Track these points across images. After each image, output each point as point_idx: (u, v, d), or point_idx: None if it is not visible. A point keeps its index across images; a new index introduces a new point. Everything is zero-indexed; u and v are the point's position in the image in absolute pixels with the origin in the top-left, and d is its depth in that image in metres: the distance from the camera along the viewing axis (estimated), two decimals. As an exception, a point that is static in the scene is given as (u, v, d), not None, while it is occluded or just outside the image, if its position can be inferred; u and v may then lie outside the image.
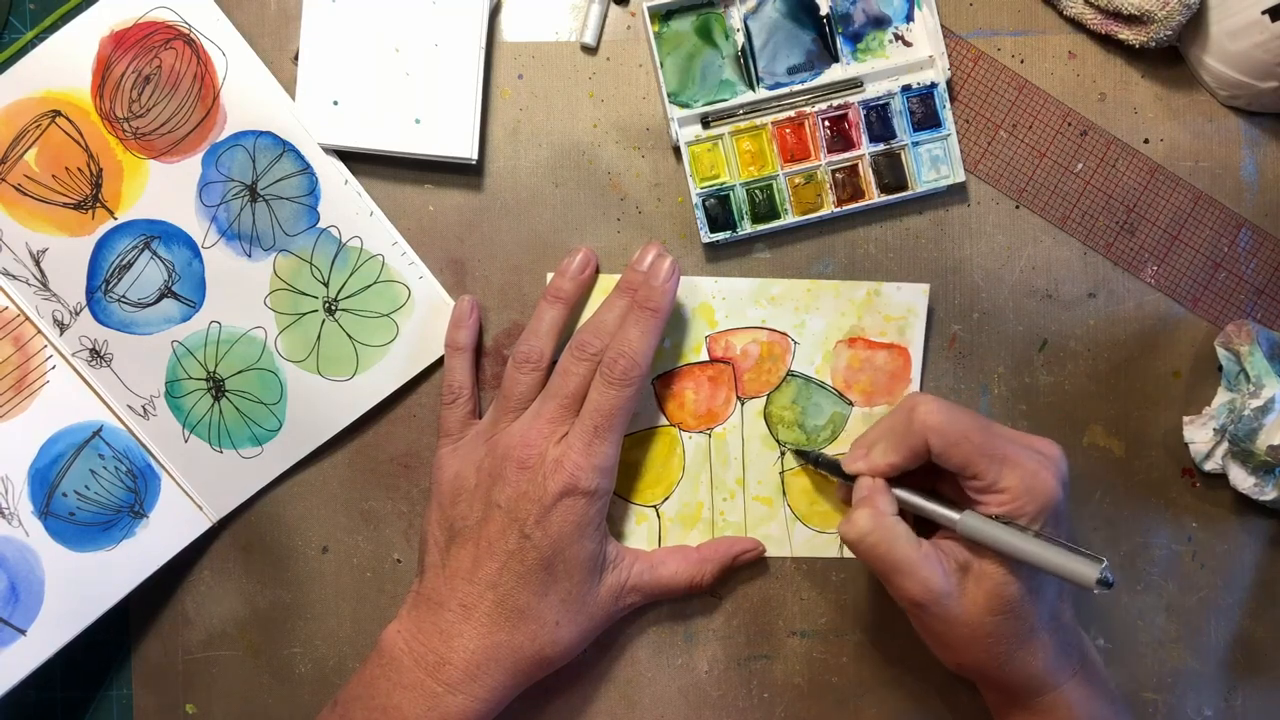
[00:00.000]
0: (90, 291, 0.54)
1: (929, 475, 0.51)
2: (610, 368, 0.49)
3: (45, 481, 0.53)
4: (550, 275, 0.55)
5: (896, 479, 0.50)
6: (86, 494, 0.53)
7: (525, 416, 0.51)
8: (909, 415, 0.49)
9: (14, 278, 0.54)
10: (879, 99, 0.54)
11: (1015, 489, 0.47)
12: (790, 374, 0.56)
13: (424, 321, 0.55)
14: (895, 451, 0.49)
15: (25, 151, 0.53)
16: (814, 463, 0.54)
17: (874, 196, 0.54)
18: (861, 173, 0.54)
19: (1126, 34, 0.53)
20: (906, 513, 0.50)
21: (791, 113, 0.54)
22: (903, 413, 0.49)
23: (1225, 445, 0.54)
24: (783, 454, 0.56)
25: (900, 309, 0.55)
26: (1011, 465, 0.47)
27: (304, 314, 0.55)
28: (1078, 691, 0.49)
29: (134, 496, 0.54)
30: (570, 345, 0.51)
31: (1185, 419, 0.56)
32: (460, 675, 0.48)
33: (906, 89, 0.54)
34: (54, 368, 0.54)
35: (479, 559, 0.49)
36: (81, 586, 0.53)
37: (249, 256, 0.54)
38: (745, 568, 0.56)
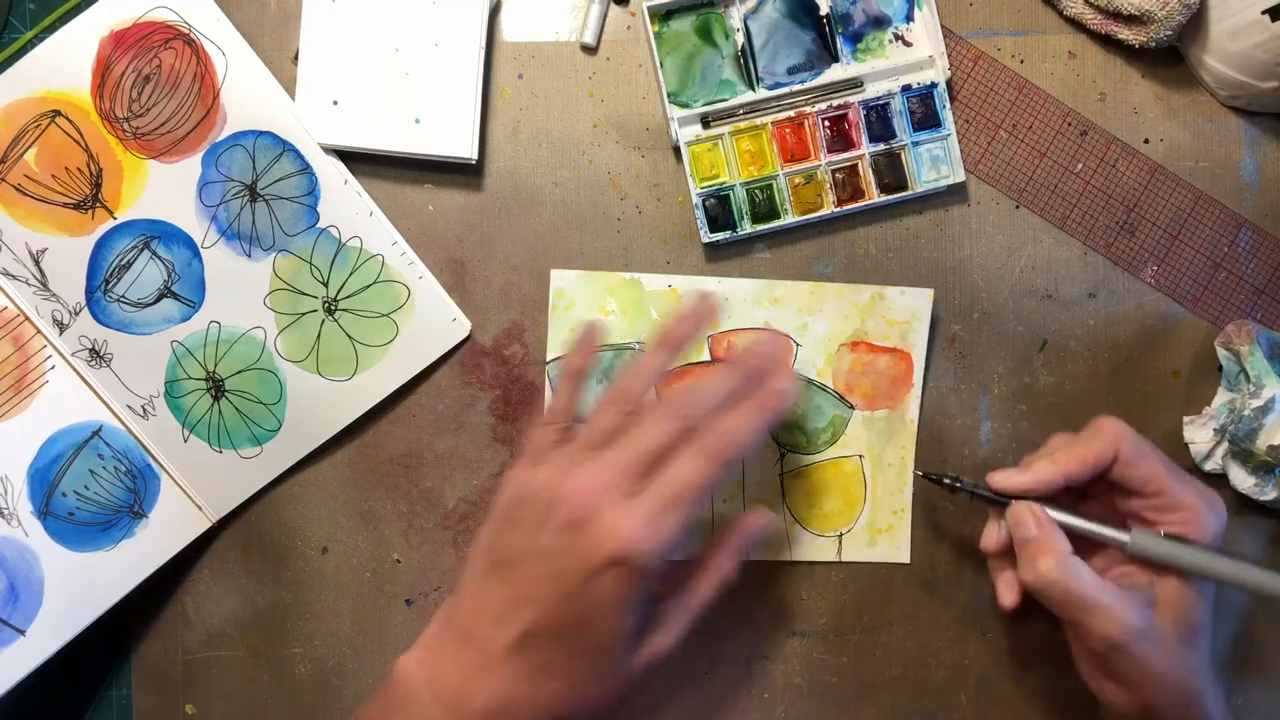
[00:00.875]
0: (90, 291, 0.54)
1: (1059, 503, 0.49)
2: (715, 441, 0.44)
3: (45, 481, 0.53)
4: (554, 271, 0.55)
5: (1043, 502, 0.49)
6: (86, 494, 0.53)
7: (591, 461, 0.44)
8: (1098, 426, 0.48)
9: (14, 278, 0.54)
10: (879, 99, 0.54)
11: (1198, 507, 0.46)
12: (790, 375, 0.56)
13: (424, 321, 0.55)
14: (1076, 459, 0.47)
15: (25, 151, 0.53)
16: (951, 489, 0.51)
17: (874, 196, 0.54)
18: (861, 173, 0.54)
19: (1126, 34, 0.53)
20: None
21: (791, 113, 0.54)
22: (1088, 428, 0.49)
23: (1225, 445, 0.54)
24: (782, 456, 0.56)
25: (904, 313, 0.55)
26: (1190, 484, 0.47)
27: (304, 314, 0.55)
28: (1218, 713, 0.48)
29: (133, 496, 0.54)
30: (663, 401, 0.46)
31: (1185, 419, 0.56)
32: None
33: (906, 89, 0.54)
34: (54, 368, 0.54)
35: (510, 602, 0.44)
36: (81, 586, 0.53)
37: (249, 256, 0.54)
38: (747, 567, 0.56)
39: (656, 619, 0.47)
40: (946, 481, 0.51)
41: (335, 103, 0.53)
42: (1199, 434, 0.55)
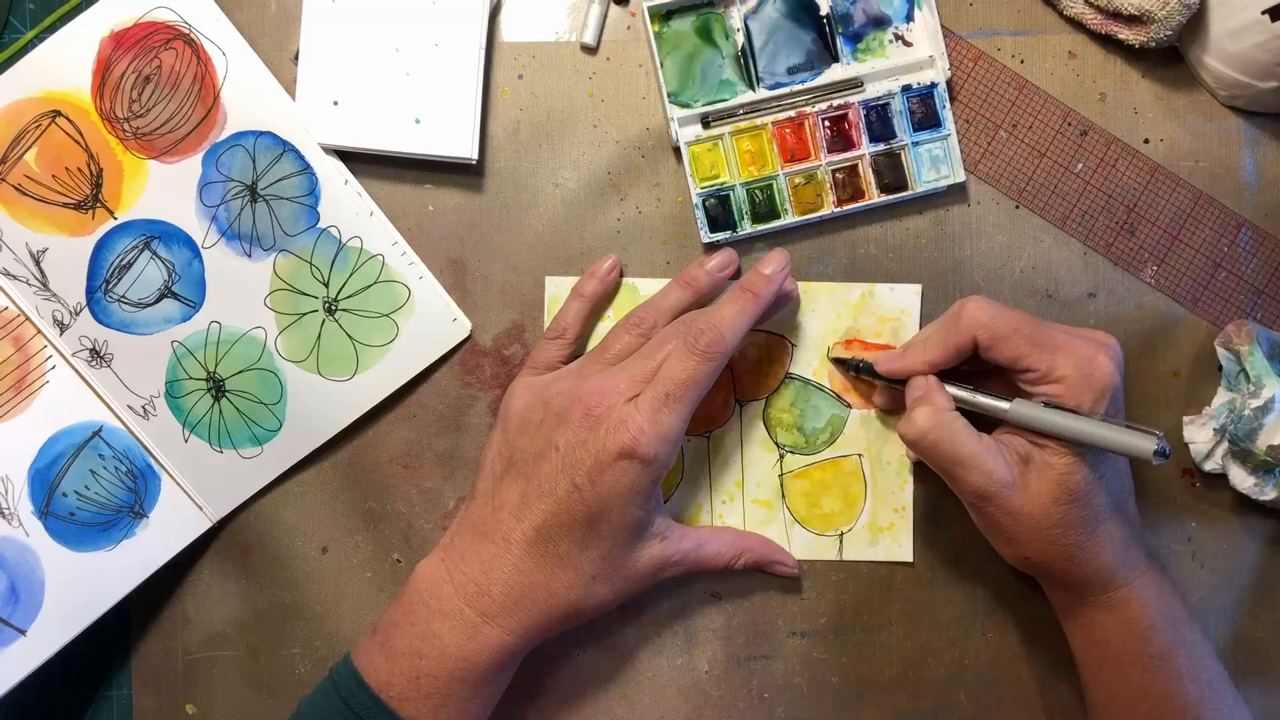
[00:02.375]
0: (90, 291, 0.54)
1: (979, 381, 0.51)
2: (695, 338, 0.48)
3: (45, 481, 0.53)
4: (549, 278, 0.55)
5: (943, 378, 0.51)
6: (86, 494, 0.53)
7: (610, 369, 0.50)
8: (957, 312, 0.49)
9: (14, 278, 0.54)
10: (879, 99, 0.54)
11: (1071, 376, 0.47)
12: (789, 376, 0.56)
13: (424, 321, 0.55)
14: (938, 348, 0.50)
15: (25, 151, 0.53)
16: (855, 369, 0.54)
17: (874, 196, 0.54)
18: (861, 173, 0.54)
19: (1126, 34, 0.53)
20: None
21: (791, 113, 0.54)
22: (952, 311, 0.50)
23: (1225, 445, 0.54)
24: (781, 456, 0.56)
25: (894, 310, 0.55)
26: (1065, 353, 0.47)
27: (304, 314, 0.55)
28: (1149, 589, 0.49)
29: (134, 496, 0.54)
30: (677, 319, 0.51)
31: (1185, 419, 0.56)
32: (497, 607, 0.48)
33: (906, 89, 0.54)
34: (54, 368, 0.54)
35: (528, 497, 0.48)
36: (81, 587, 0.53)
37: (249, 256, 0.54)
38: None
39: (663, 532, 0.51)
40: (852, 365, 0.54)
41: (335, 103, 0.53)
42: (1199, 434, 0.55)
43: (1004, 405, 0.48)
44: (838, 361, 0.55)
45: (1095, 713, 0.53)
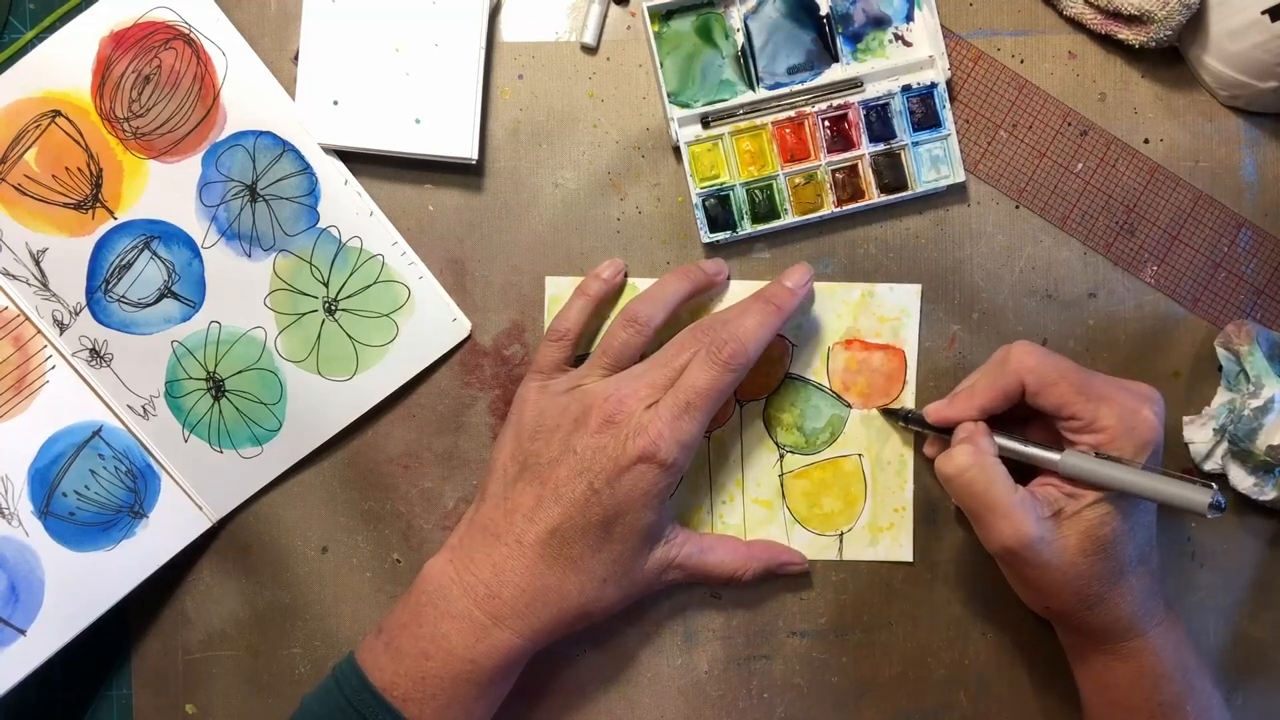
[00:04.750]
0: (90, 291, 0.54)
1: (1018, 428, 0.51)
2: (718, 349, 0.48)
3: (45, 481, 0.53)
4: (549, 278, 0.55)
5: (991, 426, 0.51)
6: (86, 494, 0.53)
7: (626, 374, 0.50)
8: (1004, 358, 0.50)
9: (14, 278, 0.54)
10: (879, 99, 0.54)
11: (1114, 427, 0.47)
12: (788, 376, 0.56)
13: (424, 321, 0.55)
14: (985, 392, 0.50)
15: (25, 151, 0.53)
16: (904, 420, 0.54)
17: (874, 196, 0.54)
18: (861, 173, 0.54)
19: (1126, 34, 0.53)
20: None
21: (791, 113, 0.54)
22: (998, 357, 0.50)
23: (1225, 445, 0.54)
24: (782, 456, 0.56)
25: (894, 309, 0.55)
26: (1110, 403, 0.48)
27: (304, 314, 0.55)
28: (1164, 638, 0.49)
29: (134, 496, 0.54)
30: (694, 324, 0.51)
31: (1185, 419, 0.56)
32: (508, 609, 0.48)
33: (906, 89, 0.54)
34: (54, 368, 0.54)
35: (543, 500, 0.49)
36: (81, 586, 0.53)
37: (249, 256, 0.54)
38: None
39: (669, 535, 0.52)
40: (901, 415, 0.55)
41: (335, 103, 0.53)
42: (1199, 434, 0.55)
43: (1054, 456, 0.48)
44: (886, 412, 0.56)
45: None
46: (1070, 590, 0.48)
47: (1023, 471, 0.50)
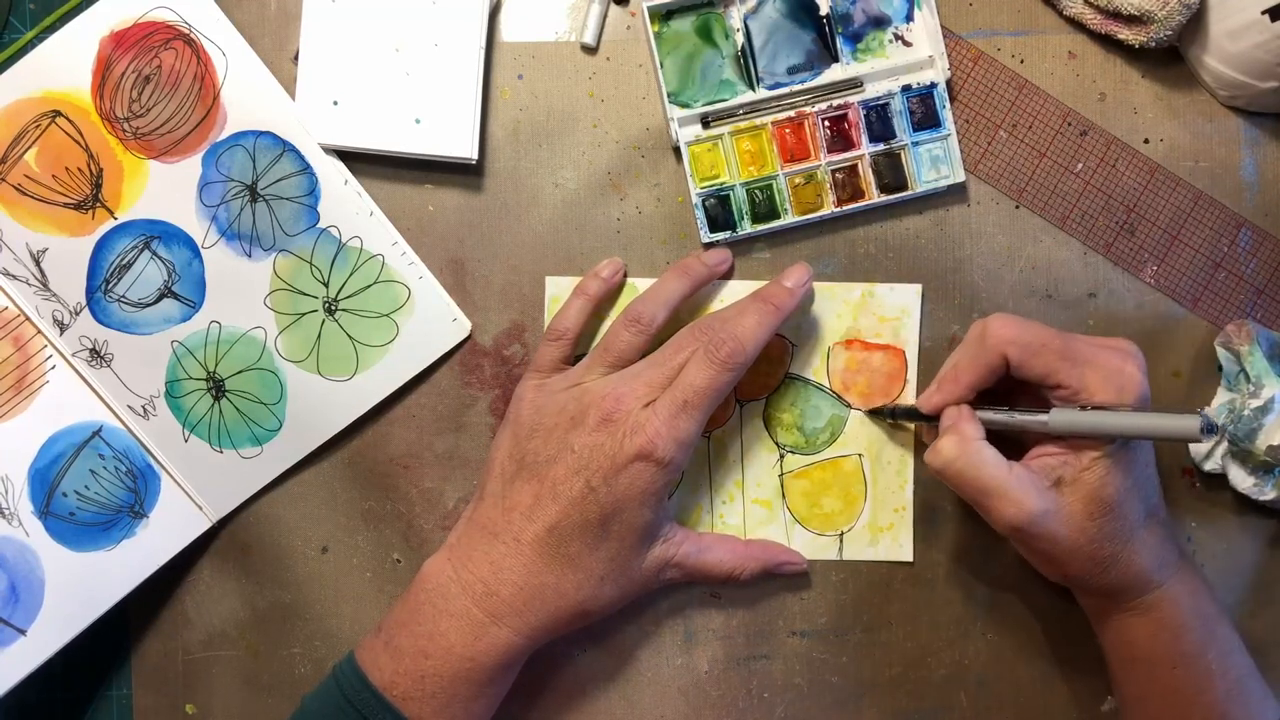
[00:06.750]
0: (90, 291, 0.54)
1: (1004, 402, 0.51)
2: (716, 348, 0.49)
3: (45, 481, 0.53)
4: (549, 278, 0.55)
5: (975, 404, 0.50)
6: (86, 494, 0.53)
7: (624, 373, 0.50)
8: (982, 333, 0.49)
9: (14, 278, 0.54)
10: (879, 99, 0.54)
11: (1103, 389, 0.47)
12: (788, 376, 0.56)
13: (424, 321, 0.55)
14: (970, 371, 0.49)
15: (25, 151, 0.53)
16: (891, 416, 0.54)
17: (874, 196, 0.54)
18: (861, 173, 0.54)
19: (1126, 34, 0.53)
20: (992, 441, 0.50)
21: (791, 113, 0.54)
22: (975, 333, 0.50)
23: (1225, 445, 0.54)
24: (782, 456, 0.56)
25: (894, 309, 0.55)
26: (1094, 365, 0.47)
27: (304, 314, 0.55)
28: (1181, 586, 0.49)
29: (134, 496, 0.54)
30: (692, 324, 0.51)
31: (1185, 419, 0.56)
32: (505, 607, 0.48)
33: (906, 89, 0.54)
34: (54, 368, 0.54)
35: (540, 498, 0.49)
36: (81, 586, 0.53)
37: (249, 256, 0.54)
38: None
39: (667, 534, 0.52)
40: (887, 412, 0.55)
41: (335, 103, 0.53)
42: (1199, 434, 0.55)
43: (1042, 417, 0.48)
44: (873, 413, 0.56)
45: (1125, 709, 0.53)
46: (1084, 555, 0.48)
47: (1016, 447, 0.50)
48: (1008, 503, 0.47)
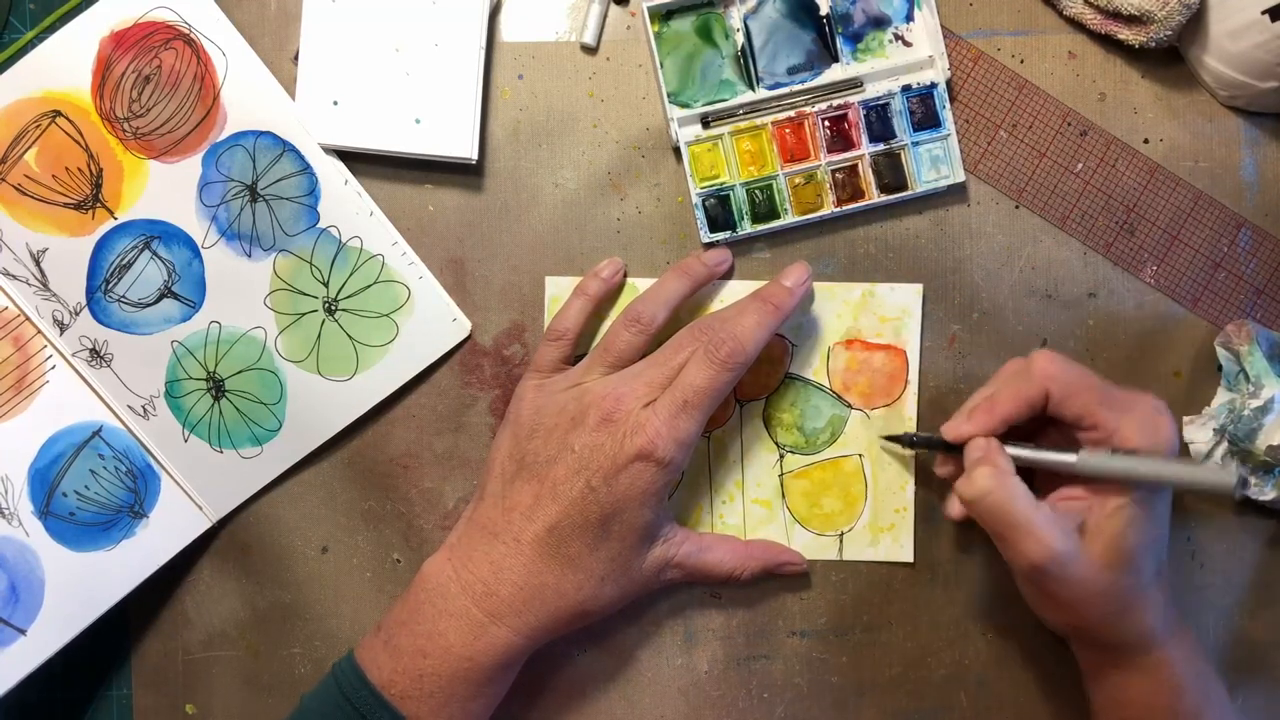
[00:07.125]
0: (90, 291, 0.54)
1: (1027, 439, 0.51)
2: (716, 347, 0.49)
3: (45, 481, 0.53)
4: (549, 278, 0.55)
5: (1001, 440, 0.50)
6: (86, 494, 0.53)
7: (624, 374, 0.50)
8: (1025, 368, 0.49)
9: (14, 278, 0.54)
10: (879, 99, 0.54)
11: (1137, 434, 0.47)
12: (788, 376, 0.56)
13: (424, 321, 0.55)
14: (1010, 403, 0.49)
15: (25, 151, 0.53)
16: (910, 444, 0.54)
17: (874, 196, 0.54)
18: (861, 173, 0.54)
19: (1126, 34, 0.53)
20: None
21: (791, 113, 0.54)
22: (1015, 367, 0.50)
23: (1225, 445, 0.54)
24: (782, 456, 0.56)
25: (895, 309, 0.55)
26: (1130, 412, 0.47)
27: (304, 314, 0.55)
28: (1179, 650, 0.49)
29: (134, 496, 0.54)
30: (692, 324, 0.51)
31: (1185, 419, 0.56)
32: (505, 607, 0.48)
33: (906, 89, 0.54)
34: (54, 368, 0.54)
35: (540, 498, 0.49)
36: (81, 586, 0.53)
37: (249, 256, 0.54)
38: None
39: (667, 534, 0.52)
40: (906, 440, 0.54)
41: (335, 103, 0.53)
42: (1199, 434, 0.55)
43: (1070, 458, 0.47)
44: (890, 439, 0.55)
45: None
46: (1095, 605, 0.48)
47: (1034, 487, 0.49)
48: (1034, 540, 0.46)
